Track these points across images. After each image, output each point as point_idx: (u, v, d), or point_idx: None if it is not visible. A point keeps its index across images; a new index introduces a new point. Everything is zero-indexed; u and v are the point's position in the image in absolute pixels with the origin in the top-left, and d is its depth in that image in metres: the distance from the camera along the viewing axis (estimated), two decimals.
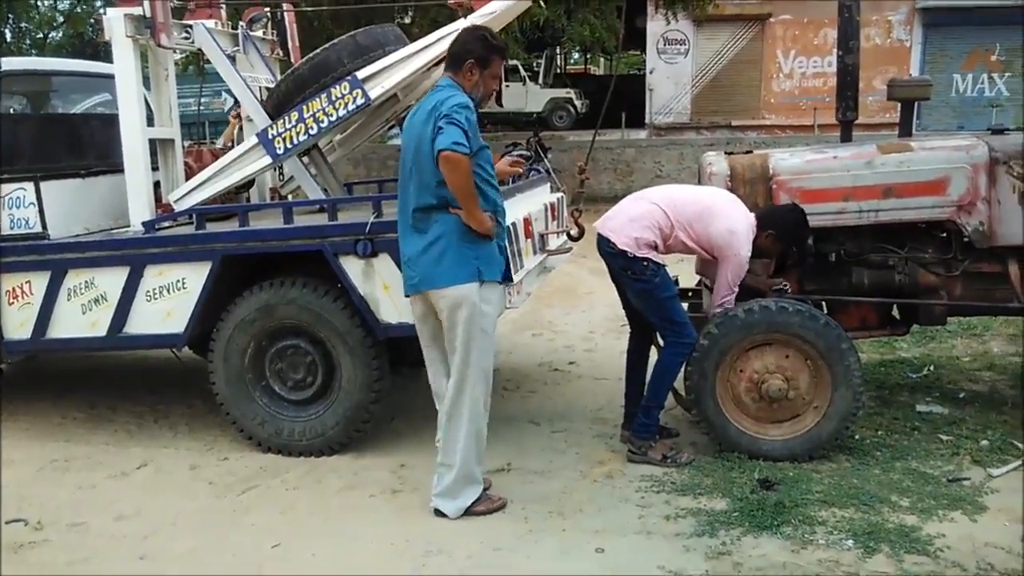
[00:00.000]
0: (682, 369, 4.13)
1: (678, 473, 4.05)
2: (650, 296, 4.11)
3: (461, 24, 4.87)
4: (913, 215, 4.30)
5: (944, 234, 4.40)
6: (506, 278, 3.76)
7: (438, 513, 3.71)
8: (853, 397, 3.96)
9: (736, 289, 4.11)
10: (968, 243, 4.30)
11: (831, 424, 4.00)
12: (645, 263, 4.03)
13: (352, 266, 4.27)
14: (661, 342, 4.30)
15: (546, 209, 5.31)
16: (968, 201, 4.21)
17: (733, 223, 4.04)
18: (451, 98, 3.44)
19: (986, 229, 4.22)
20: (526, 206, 4.98)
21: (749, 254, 4.04)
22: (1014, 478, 3.88)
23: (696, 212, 4.10)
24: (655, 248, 4.08)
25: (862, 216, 4.31)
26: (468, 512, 3.68)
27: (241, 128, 6.34)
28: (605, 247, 4.15)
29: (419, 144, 3.49)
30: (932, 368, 5.49)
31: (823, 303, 4.44)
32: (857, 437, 4.28)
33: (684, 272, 4.79)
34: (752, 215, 4.12)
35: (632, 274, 4.08)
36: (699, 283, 4.77)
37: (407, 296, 3.75)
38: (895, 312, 4.60)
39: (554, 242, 5.24)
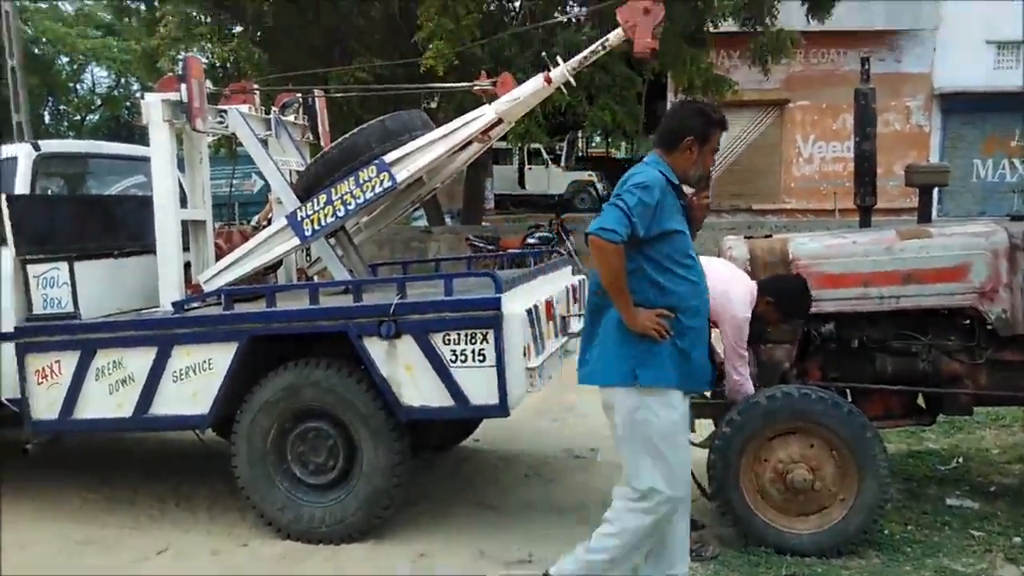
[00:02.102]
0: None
1: (703, 567, 3.96)
2: None
3: (485, 110, 5.00)
4: (934, 302, 4.29)
5: (967, 321, 4.37)
6: (691, 384, 3.29)
7: None
8: (880, 489, 3.89)
9: (744, 353, 4.07)
10: (992, 331, 4.27)
11: (859, 517, 3.92)
12: None
13: (375, 347, 4.29)
14: None
15: (568, 291, 5.35)
16: (990, 288, 4.19)
17: (727, 284, 4.04)
18: (635, 175, 3.19)
19: (1009, 317, 4.19)
20: (548, 289, 5.02)
21: (748, 316, 4.02)
22: None
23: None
24: None
25: (883, 302, 4.30)
26: None
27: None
28: None
29: None
30: (961, 460, 5.38)
31: (847, 390, 4.40)
32: (886, 532, 4.18)
33: None
34: (753, 282, 4.13)
35: None
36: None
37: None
38: (920, 401, 4.55)
39: (576, 325, 5.25)
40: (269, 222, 5.87)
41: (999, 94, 18.92)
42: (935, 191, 5.21)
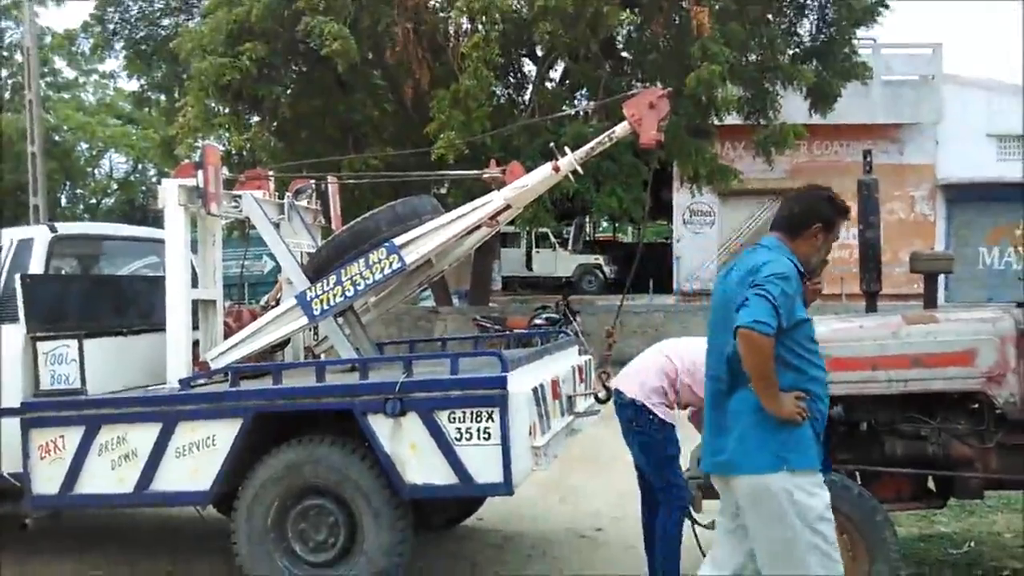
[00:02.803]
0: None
1: None
2: (652, 451, 4.16)
3: (494, 196, 5.09)
4: (942, 385, 4.27)
5: (976, 405, 4.35)
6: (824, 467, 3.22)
7: None
8: (891, 572, 3.80)
9: None
10: (1001, 415, 4.24)
11: None
12: (651, 417, 4.09)
13: (380, 425, 4.28)
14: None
15: (574, 371, 5.37)
16: (998, 373, 4.17)
17: None
18: (770, 263, 3.12)
19: (1018, 401, 4.16)
20: (554, 368, 5.03)
21: None
22: None
23: (700, 355, 4.11)
24: (664, 395, 4.12)
25: (891, 385, 4.28)
26: None
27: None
28: (617, 399, 4.25)
29: (727, 308, 3.18)
30: (973, 544, 5.27)
31: (856, 473, 4.35)
32: None
33: None
34: None
35: (637, 426, 4.14)
36: None
37: (703, 470, 3.39)
38: (931, 484, 4.49)
39: (582, 404, 5.25)
40: (278, 302, 5.94)
41: (1002, 184, 19.20)
42: (942, 278, 5.24)
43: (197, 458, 4.50)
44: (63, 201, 29.75)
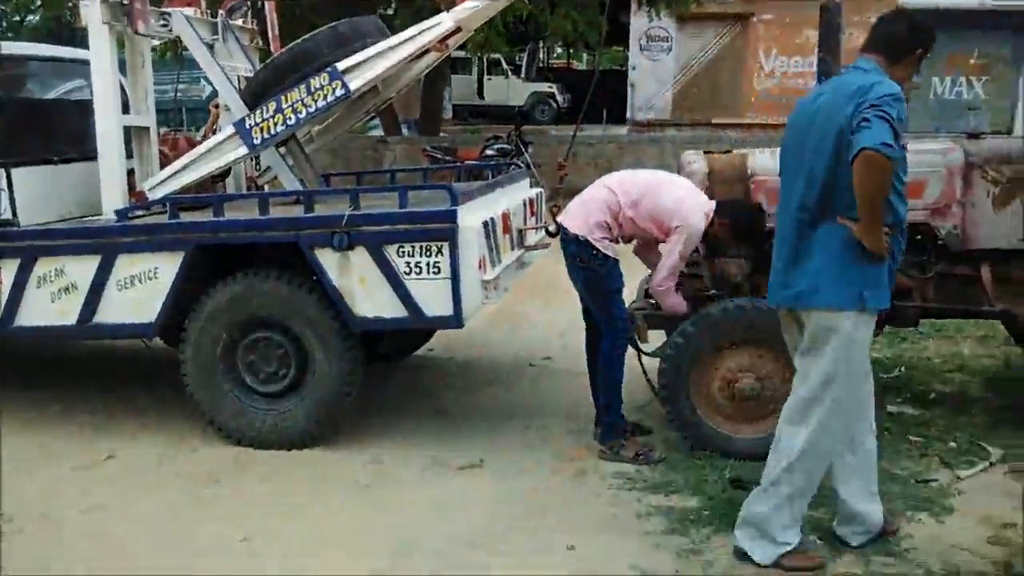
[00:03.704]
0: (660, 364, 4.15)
1: (650, 471, 4.06)
2: (595, 286, 4.20)
3: (443, 17, 4.81)
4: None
5: (918, 236, 4.41)
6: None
7: (740, 554, 3.23)
8: None
9: (684, 262, 4.15)
10: (942, 246, 4.32)
11: None
12: (595, 251, 4.10)
13: (328, 259, 4.23)
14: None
15: (525, 204, 5.30)
16: (943, 204, 4.23)
17: (682, 194, 4.11)
18: (882, 84, 2.90)
19: (960, 232, 4.25)
20: (505, 201, 4.97)
21: (702, 228, 4.07)
22: (981, 480, 3.93)
23: (643, 189, 4.18)
24: (608, 230, 4.13)
25: None
26: (778, 564, 3.17)
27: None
28: (562, 235, 4.24)
29: (826, 129, 2.96)
30: (904, 369, 5.53)
31: None
32: None
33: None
34: (712, 202, 4.16)
35: (581, 261, 4.16)
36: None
37: (771, 304, 3.33)
38: None
39: (532, 238, 5.23)
40: (216, 132, 5.69)
41: (960, 12, 18.87)
42: None
43: (140, 291, 4.44)
44: None
